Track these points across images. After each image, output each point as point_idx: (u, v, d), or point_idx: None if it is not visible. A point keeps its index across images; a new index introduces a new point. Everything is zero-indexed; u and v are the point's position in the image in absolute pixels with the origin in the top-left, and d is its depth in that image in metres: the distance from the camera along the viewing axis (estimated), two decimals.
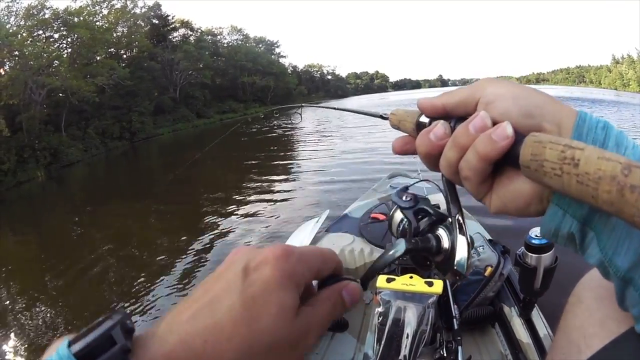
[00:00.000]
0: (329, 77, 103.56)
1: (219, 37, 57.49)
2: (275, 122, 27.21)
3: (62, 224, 8.92)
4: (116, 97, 27.72)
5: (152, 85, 33.19)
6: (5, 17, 22.53)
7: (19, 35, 22.10)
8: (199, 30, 50.98)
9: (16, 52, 20.96)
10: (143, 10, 37.99)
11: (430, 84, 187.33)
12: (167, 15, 43.25)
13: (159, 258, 5.43)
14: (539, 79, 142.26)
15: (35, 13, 23.14)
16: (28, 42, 22.40)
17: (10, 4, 22.49)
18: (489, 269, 2.04)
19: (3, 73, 20.44)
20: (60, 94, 23.39)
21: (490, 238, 2.32)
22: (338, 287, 0.43)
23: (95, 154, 23.29)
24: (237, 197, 8.12)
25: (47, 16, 23.68)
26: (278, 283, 0.34)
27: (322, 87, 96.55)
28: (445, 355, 1.76)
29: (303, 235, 3.06)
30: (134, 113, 28.81)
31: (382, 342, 1.76)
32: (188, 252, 5.46)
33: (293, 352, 0.35)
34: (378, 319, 1.78)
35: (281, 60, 71.41)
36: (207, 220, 6.86)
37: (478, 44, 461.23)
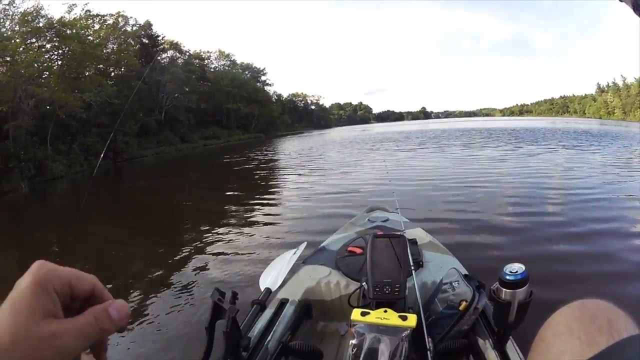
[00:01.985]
0: (313, 107, 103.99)
1: (206, 61, 57.96)
2: (259, 149, 27.39)
3: (43, 238, 8.89)
4: (102, 114, 27.54)
5: (138, 106, 33.08)
6: (2, 20, 22.47)
7: (13, 41, 21.96)
8: (187, 53, 51.06)
9: (8, 58, 20.85)
10: (134, 28, 38.41)
11: (413, 116, 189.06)
12: (157, 36, 43.14)
13: (129, 279, 5.42)
14: (523, 110, 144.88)
15: (30, 20, 22.99)
16: (21, 49, 22.29)
17: (7, 7, 22.44)
18: (464, 304, 2.07)
19: None
20: (48, 107, 23.18)
21: (466, 273, 2.35)
22: (105, 305, 0.46)
23: (78, 170, 23.09)
24: (217, 223, 8.08)
25: (41, 24, 23.51)
26: (28, 288, 0.40)
27: (305, 117, 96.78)
28: None
29: (280, 265, 3.06)
30: (119, 133, 28.61)
31: None
32: (161, 273, 5.52)
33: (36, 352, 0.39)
34: (352, 351, 1.80)
35: (266, 88, 71.71)
36: (184, 244, 6.89)
37: (460, 77, 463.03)
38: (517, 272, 1.70)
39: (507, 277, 1.73)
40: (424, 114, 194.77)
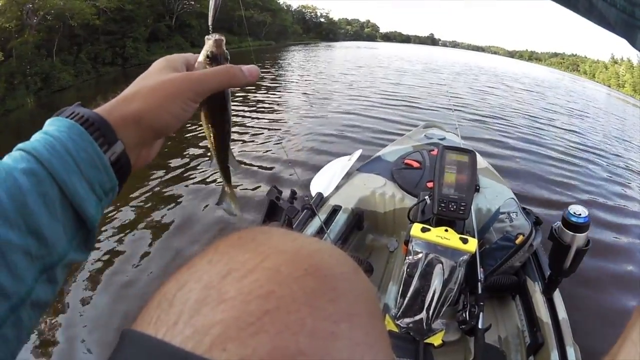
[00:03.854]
0: (322, 19, 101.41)
1: None
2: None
3: None
4: (111, 22, 26.48)
5: (149, 11, 32.02)
6: None
7: None
8: None
9: None
10: None
11: (420, 40, 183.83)
12: None
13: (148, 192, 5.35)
14: (532, 57, 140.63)
15: None
16: None
17: None
18: (521, 237, 2.01)
19: None
20: (53, 19, 22.12)
21: (524, 206, 2.30)
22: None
23: (86, 79, 22.49)
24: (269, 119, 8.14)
25: None
26: (159, 64, 0.54)
27: (313, 29, 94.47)
28: (467, 319, 1.77)
29: (333, 171, 3.01)
30: (128, 39, 27.76)
31: (407, 296, 1.77)
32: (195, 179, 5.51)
33: (189, 85, 0.50)
34: (406, 269, 1.77)
35: None
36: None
37: (472, 10, 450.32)
38: (580, 214, 1.64)
39: (572, 219, 1.65)
40: (432, 40, 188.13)
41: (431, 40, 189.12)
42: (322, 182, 2.91)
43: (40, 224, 0.38)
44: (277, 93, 12.47)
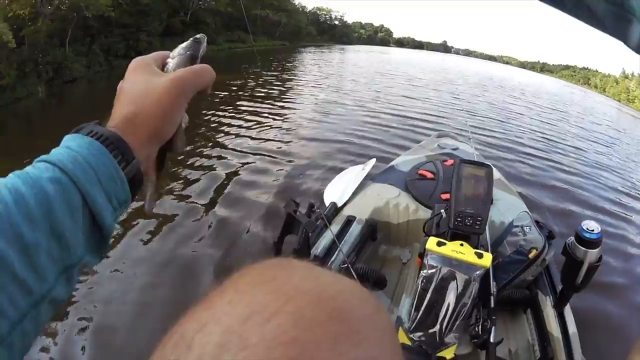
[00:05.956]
0: (336, 22, 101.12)
1: None
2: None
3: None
4: (126, 15, 26.49)
5: (165, 6, 32.11)
6: None
7: None
8: None
9: None
10: None
11: (433, 47, 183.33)
12: None
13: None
14: (544, 68, 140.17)
15: None
16: None
17: None
18: (534, 252, 2.01)
19: None
20: (68, 9, 22.13)
21: (537, 220, 2.29)
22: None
23: (98, 70, 22.47)
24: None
25: None
26: (133, 67, 0.60)
27: (327, 31, 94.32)
28: (479, 332, 1.77)
29: (347, 180, 3.00)
30: (142, 33, 27.78)
31: (421, 310, 1.77)
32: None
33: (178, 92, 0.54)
34: (421, 283, 1.77)
35: None
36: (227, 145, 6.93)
37: (486, 19, 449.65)
38: (593, 230, 1.64)
39: (585, 235, 1.65)
40: (444, 48, 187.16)
41: (444, 48, 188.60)
42: (336, 192, 2.90)
43: (64, 229, 0.41)
44: (287, 96, 12.49)
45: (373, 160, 3.27)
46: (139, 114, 0.52)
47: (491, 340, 1.69)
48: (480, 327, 1.79)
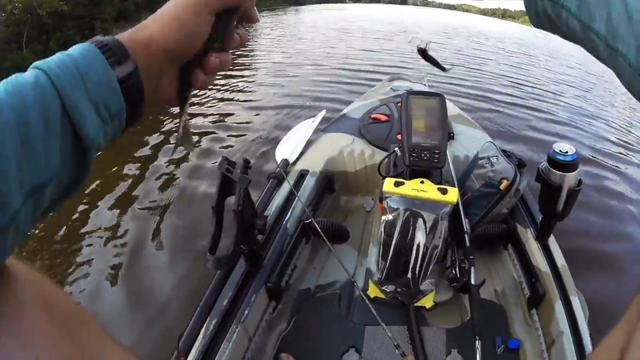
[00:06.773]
0: None
1: None
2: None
3: None
4: (79, 6, 26.25)
5: None
6: None
7: None
8: None
9: None
10: None
11: (390, 0, 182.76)
12: None
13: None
14: (505, 14, 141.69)
15: None
16: None
17: None
18: (505, 182, 1.85)
19: None
20: (21, 12, 22.34)
21: (504, 150, 2.14)
22: None
23: None
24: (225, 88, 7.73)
25: None
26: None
27: None
28: (458, 275, 1.63)
29: (298, 135, 2.84)
30: (96, 20, 27.70)
31: (389, 257, 1.62)
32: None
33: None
34: (384, 229, 1.61)
35: None
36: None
37: None
38: (567, 152, 1.47)
39: (558, 157, 1.46)
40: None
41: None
42: (287, 149, 2.74)
43: (36, 140, 0.38)
44: (240, 64, 12.15)
45: (323, 112, 3.11)
46: (151, 24, 0.50)
47: (472, 282, 1.53)
48: (457, 269, 1.66)
